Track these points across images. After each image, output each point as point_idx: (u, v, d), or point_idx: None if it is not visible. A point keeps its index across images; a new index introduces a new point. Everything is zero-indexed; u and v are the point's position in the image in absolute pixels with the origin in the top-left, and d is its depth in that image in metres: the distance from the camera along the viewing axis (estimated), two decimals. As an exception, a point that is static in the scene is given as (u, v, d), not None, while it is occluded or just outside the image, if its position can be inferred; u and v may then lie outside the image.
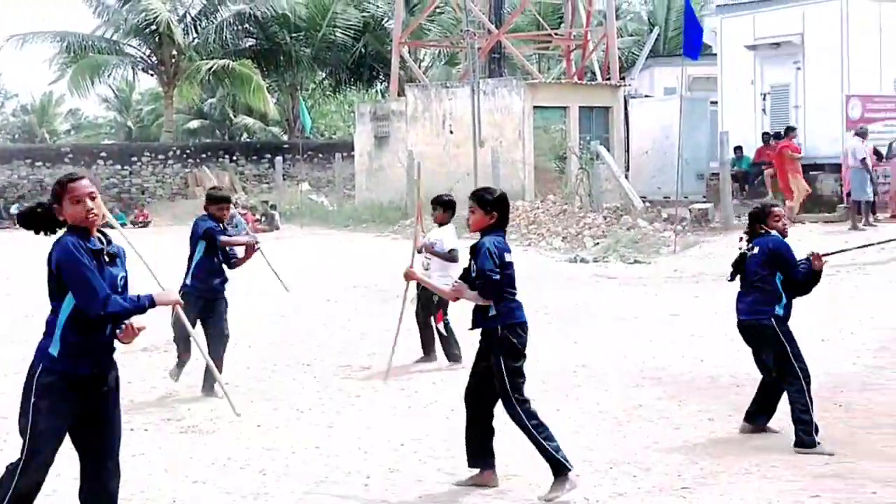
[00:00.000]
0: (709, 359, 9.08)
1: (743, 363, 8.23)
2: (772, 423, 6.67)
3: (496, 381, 5.50)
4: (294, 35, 37.59)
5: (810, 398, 6.34)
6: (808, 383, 6.39)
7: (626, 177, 22.30)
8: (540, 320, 11.40)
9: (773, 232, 6.54)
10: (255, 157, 35.97)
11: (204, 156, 35.32)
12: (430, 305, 8.99)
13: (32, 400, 4.21)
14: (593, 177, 21.47)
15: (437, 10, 34.24)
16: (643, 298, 12.96)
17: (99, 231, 4.32)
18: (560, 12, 33.44)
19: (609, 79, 27.69)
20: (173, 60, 36.64)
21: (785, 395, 6.51)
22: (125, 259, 4.44)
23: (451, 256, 8.70)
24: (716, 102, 22.39)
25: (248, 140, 44.54)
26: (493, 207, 5.62)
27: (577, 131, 25.16)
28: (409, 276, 6.03)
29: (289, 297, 10.71)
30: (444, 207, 8.85)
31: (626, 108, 25.50)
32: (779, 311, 6.45)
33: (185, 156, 34.88)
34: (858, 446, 6.35)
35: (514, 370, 5.49)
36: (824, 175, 20.27)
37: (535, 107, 25.03)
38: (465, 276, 5.71)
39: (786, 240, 6.55)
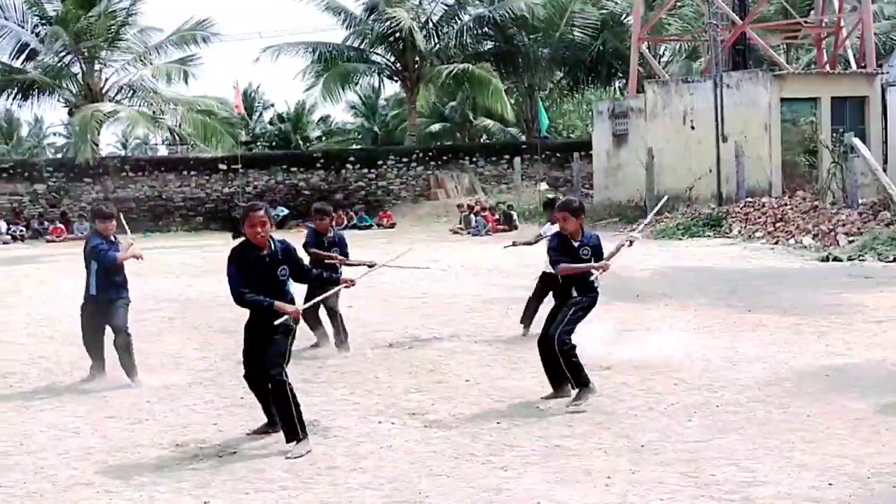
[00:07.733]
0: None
1: None
2: None
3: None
4: (532, 36, 37.90)
5: None
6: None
7: (885, 170, 20.98)
8: (788, 321, 10.92)
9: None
10: (493, 158, 36.53)
11: (445, 158, 36.25)
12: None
13: None
14: (847, 171, 20.34)
15: (678, 4, 33.55)
16: (903, 300, 12.13)
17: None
18: (809, -1, 31.90)
19: (864, 67, 26.15)
20: (416, 66, 37.88)
21: None
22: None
23: None
24: None
25: (487, 141, 45.31)
26: None
27: (828, 123, 24.01)
28: None
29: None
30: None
31: (883, 98, 24.00)
32: None
33: (427, 158, 35.92)
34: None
35: None
36: None
37: (782, 99, 24.04)
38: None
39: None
